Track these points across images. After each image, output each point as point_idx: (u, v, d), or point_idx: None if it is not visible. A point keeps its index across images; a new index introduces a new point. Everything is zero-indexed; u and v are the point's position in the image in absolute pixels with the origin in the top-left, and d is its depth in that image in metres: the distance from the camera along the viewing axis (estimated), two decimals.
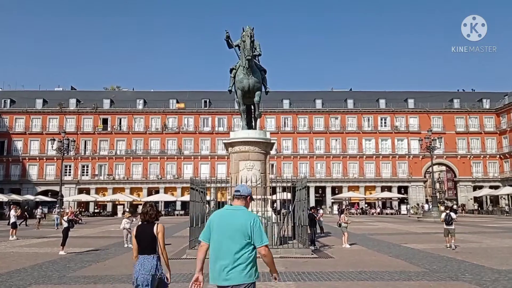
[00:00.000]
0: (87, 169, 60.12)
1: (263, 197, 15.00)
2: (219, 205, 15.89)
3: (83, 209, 55.96)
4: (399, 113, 62.48)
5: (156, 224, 5.15)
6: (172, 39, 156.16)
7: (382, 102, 63.10)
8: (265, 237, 4.06)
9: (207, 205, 19.14)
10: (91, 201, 57.85)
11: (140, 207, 20.43)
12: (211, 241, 4.12)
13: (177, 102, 62.89)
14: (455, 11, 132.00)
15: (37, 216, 31.73)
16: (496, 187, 58.01)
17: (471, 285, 8.76)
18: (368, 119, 62.37)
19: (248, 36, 15.57)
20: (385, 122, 62.43)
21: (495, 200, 59.95)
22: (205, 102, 62.96)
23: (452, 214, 15.96)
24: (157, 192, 58.93)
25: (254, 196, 13.96)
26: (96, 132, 60.72)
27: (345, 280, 9.47)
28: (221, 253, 4.00)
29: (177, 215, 55.42)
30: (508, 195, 53.49)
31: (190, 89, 68.62)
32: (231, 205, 4.31)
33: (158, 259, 5.04)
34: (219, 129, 60.42)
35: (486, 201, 61.13)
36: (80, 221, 36.80)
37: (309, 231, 19.83)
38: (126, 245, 16.87)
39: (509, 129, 59.89)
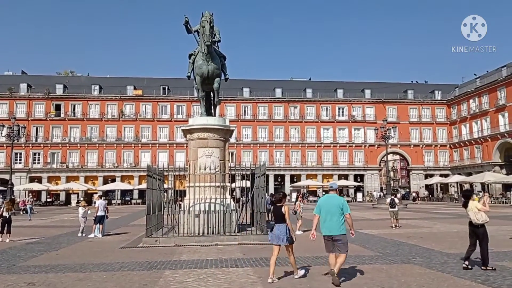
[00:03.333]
0: (38, 157, 57.88)
1: (222, 184, 14.94)
2: (178, 193, 15.69)
3: (34, 198, 53.80)
4: (356, 103, 63.95)
5: (283, 206, 7.84)
6: (129, 23, 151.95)
7: (340, 92, 64.34)
8: (349, 209, 7.54)
9: (164, 193, 18.85)
10: (43, 190, 55.81)
11: (96, 195, 19.78)
12: (321, 213, 7.59)
13: (135, 88, 61.51)
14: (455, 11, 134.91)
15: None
16: (446, 175, 60.72)
17: (421, 267, 9.10)
18: (326, 109, 63.47)
19: (207, 21, 15.31)
20: (342, 112, 63.74)
21: (445, 187, 62.77)
22: (164, 89, 61.91)
23: (396, 199, 19.63)
24: (113, 180, 57.64)
25: (212, 184, 13.98)
26: (48, 119, 58.45)
27: (301, 265, 9.58)
28: (328, 218, 7.47)
29: (134, 203, 54.46)
30: (457, 183, 56.07)
31: (148, 75, 67.46)
32: (329, 193, 7.89)
33: (286, 226, 7.74)
34: (178, 117, 59.62)
35: (437, 189, 63.90)
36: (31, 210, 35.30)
37: (268, 218, 20.02)
38: (80, 234, 16.36)
39: (459, 120, 62.69)
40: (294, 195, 51.25)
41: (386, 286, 7.41)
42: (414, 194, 56.11)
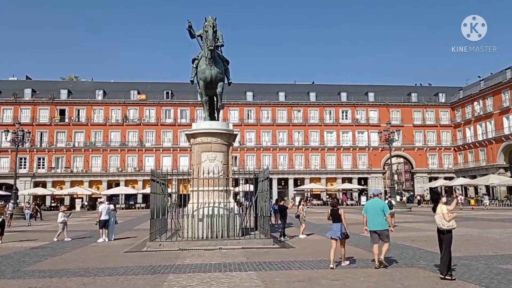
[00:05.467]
0: (43, 162, 58.10)
1: (225, 188, 14.95)
2: (181, 198, 15.73)
3: (34, 203, 53.95)
4: (360, 106, 63.84)
5: (339, 209, 9.74)
6: (132, 28, 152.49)
7: (343, 95, 64.26)
8: (389, 210, 9.85)
9: (168, 198, 18.85)
10: (48, 195, 55.98)
11: (100, 199, 19.82)
12: (368, 213, 9.61)
13: (138, 93, 61.69)
14: (455, 10, 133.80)
15: (8, 211, 27.14)
16: (451, 178, 60.36)
17: (425, 271, 9.10)
18: (330, 112, 63.40)
19: (210, 26, 15.38)
20: (346, 115, 63.63)
21: (449, 190, 62.42)
22: (167, 93, 62.10)
23: (392, 201, 22.08)
24: (117, 184, 57.72)
25: (216, 188, 13.99)
26: (52, 124, 58.70)
27: (305, 269, 9.62)
28: (373, 217, 9.50)
29: (138, 208, 54.55)
30: (461, 185, 55.82)
31: (152, 80, 67.71)
32: (374, 198, 10.09)
33: (341, 224, 9.59)
34: (181, 121, 59.77)
35: (441, 192, 63.52)
36: (38, 214, 35.32)
37: (274, 222, 20.03)
38: (55, 239, 16.47)
39: (463, 123, 62.48)
40: (297, 198, 51.35)
41: None
42: (418, 197, 55.81)
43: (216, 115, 17.64)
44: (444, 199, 9.03)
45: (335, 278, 8.36)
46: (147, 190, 42.03)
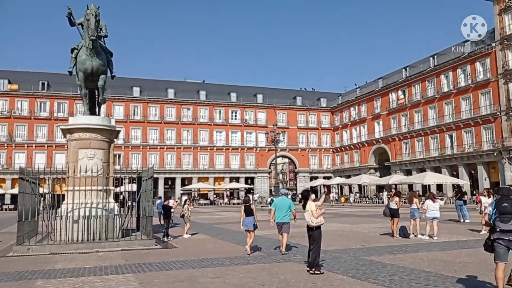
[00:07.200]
0: None
1: (104, 188, 14.19)
2: (56, 198, 14.55)
3: None
4: (249, 107, 65.59)
5: (251, 204, 11.59)
6: (4, 10, 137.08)
7: (233, 96, 65.43)
8: (294, 206, 11.41)
9: (41, 198, 17.32)
10: None
11: None
12: (276, 208, 11.22)
13: (9, 82, 55.88)
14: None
15: None
16: (329, 178, 65.05)
17: (300, 264, 9.62)
18: (220, 112, 64.08)
19: (92, 14, 14.46)
20: (235, 115, 64.86)
21: (328, 189, 67.09)
22: (43, 84, 57.11)
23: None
24: None
25: (94, 187, 13.16)
26: None
27: (186, 268, 9.51)
28: (280, 211, 11.16)
29: (6, 209, 49.14)
30: (338, 184, 60.43)
31: (26, 69, 61.63)
32: (282, 196, 12.43)
33: (253, 218, 11.36)
34: (58, 115, 55.37)
35: (320, 190, 68.06)
36: None
37: (159, 223, 19.50)
38: None
39: (341, 126, 67.82)
40: (184, 198, 50.88)
41: (267, 284, 7.64)
42: (300, 196, 59.02)
43: (97, 109, 16.68)
44: (313, 196, 9.40)
45: (215, 276, 8.40)
46: (16, 190, 38.18)
